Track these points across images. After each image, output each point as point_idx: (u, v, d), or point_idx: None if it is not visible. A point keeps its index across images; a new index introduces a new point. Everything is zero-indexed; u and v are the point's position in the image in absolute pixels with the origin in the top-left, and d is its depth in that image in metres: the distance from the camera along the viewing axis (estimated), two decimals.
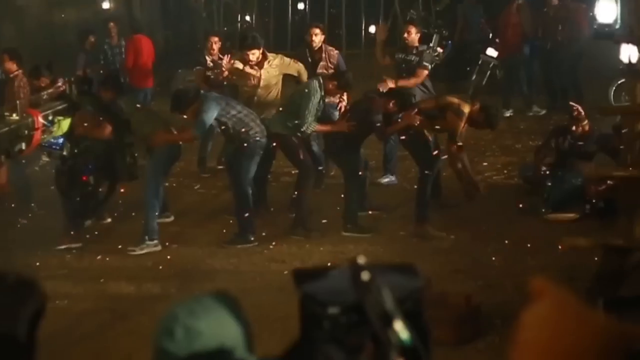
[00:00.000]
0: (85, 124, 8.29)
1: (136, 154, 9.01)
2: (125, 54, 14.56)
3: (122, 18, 16.93)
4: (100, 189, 8.45)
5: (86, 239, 9.39)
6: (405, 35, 11.06)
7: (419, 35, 11.07)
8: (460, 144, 9.32)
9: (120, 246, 9.34)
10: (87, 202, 8.35)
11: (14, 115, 6.00)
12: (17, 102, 6.47)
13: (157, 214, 9.33)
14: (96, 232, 9.59)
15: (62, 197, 8.70)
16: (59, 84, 8.42)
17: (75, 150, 8.01)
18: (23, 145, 6.18)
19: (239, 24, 20.00)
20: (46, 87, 8.86)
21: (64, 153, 7.97)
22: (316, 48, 10.69)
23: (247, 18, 20.17)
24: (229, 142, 9.73)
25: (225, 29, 19.89)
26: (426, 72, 10.77)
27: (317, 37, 10.69)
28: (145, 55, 14.30)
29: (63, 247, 9.16)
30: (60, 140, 7.76)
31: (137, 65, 14.08)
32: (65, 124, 6.83)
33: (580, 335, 1.25)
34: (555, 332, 1.26)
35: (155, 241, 9.20)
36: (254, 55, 9.48)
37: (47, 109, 6.49)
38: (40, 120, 6.24)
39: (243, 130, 9.13)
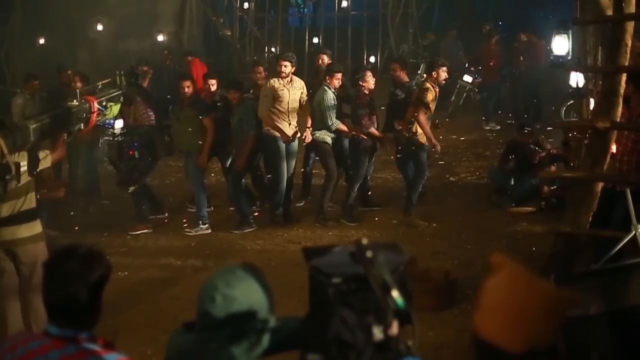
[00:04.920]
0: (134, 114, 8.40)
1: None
2: (188, 71, 14.68)
3: (173, 48, 16.96)
4: (143, 162, 8.47)
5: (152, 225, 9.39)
6: (391, 72, 9.97)
7: (404, 71, 9.80)
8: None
9: (170, 230, 9.39)
10: (133, 172, 8.39)
11: (74, 101, 6.06)
12: (77, 90, 6.50)
13: (205, 204, 9.37)
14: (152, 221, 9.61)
15: (113, 166, 8.74)
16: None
17: (124, 130, 8.06)
18: (82, 126, 6.22)
19: (266, 54, 20.01)
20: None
21: (115, 132, 8.08)
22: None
23: (273, 49, 20.15)
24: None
25: (255, 57, 19.91)
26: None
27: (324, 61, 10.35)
28: (200, 73, 14.41)
29: (137, 232, 9.15)
30: (112, 121, 7.83)
31: (198, 81, 14.17)
32: (115, 108, 6.87)
33: (529, 299, 1.26)
34: (510, 297, 1.27)
35: (207, 225, 9.26)
36: (287, 67, 9.09)
37: (101, 96, 6.50)
38: (96, 105, 6.25)
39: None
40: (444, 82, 9.37)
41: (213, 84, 9.93)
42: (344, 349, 1.76)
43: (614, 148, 6.19)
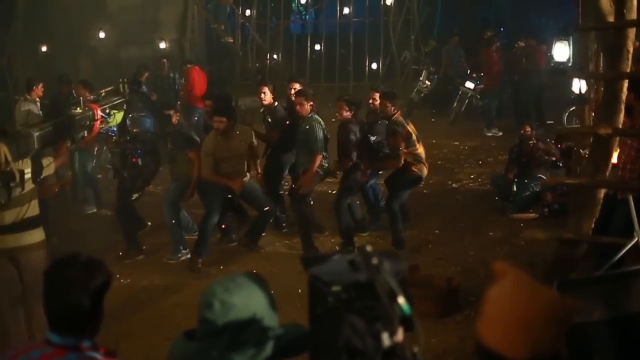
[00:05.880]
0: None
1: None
2: (186, 80, 14.66)
3: (175, 56, 16.98)
4: (146, 170, 8.40)
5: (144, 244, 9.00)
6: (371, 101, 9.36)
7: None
8: None
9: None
10: (136, 179, 8.37)
11: (78, 109, 6.09)
12: (80, 98, 6.53)
13: (180, 232, 8.79)
14: (151, 229, 9.56)
15: (116, 174, 8.64)
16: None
17: (127, 137, 8.05)
18: (85, 133, 6.26)
19: (268, 61, 20.04)
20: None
21: (119, 139, 8.08)
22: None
23: (275, 56, 20.18)
24: None
25: (257, 64, 19.95)
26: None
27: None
28: (200, 82, 14.42)
29: (129, 260, 8.51)
30: (115, 129, 7.84)
31: (195, 89, 14.17)
32: (119, 116, 6.88)
33: (532, 306, 1.26)
34: (513, 304, 1.27)
35: (187, 250, 8.64)
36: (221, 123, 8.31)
37: (105, 103, 6.55)
38: (99, 112, 6.29)
39: None
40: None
41: (209, 105, 9.66)
42: (355, 356, 1.75)
43: (615, 159, 6.18)
